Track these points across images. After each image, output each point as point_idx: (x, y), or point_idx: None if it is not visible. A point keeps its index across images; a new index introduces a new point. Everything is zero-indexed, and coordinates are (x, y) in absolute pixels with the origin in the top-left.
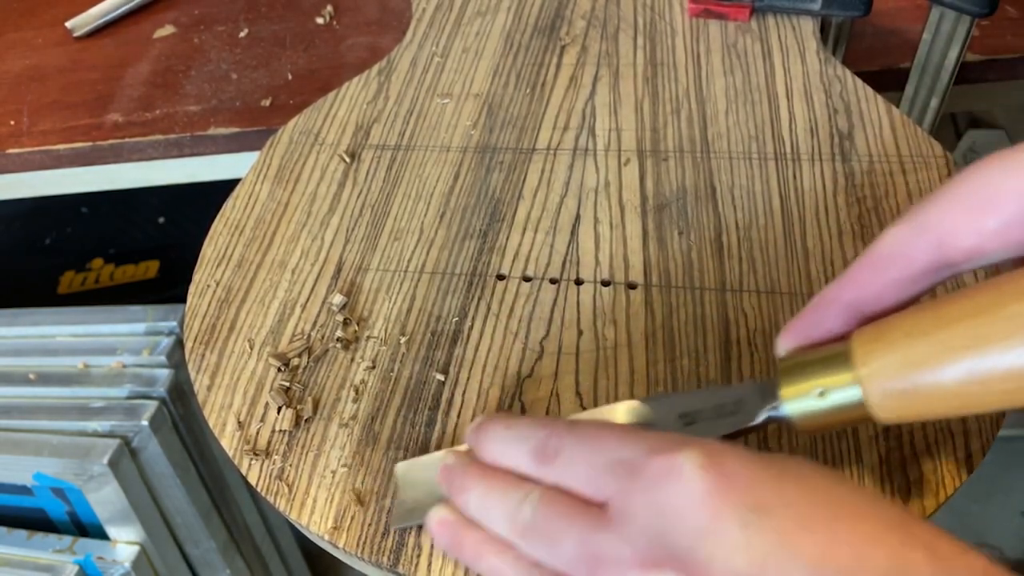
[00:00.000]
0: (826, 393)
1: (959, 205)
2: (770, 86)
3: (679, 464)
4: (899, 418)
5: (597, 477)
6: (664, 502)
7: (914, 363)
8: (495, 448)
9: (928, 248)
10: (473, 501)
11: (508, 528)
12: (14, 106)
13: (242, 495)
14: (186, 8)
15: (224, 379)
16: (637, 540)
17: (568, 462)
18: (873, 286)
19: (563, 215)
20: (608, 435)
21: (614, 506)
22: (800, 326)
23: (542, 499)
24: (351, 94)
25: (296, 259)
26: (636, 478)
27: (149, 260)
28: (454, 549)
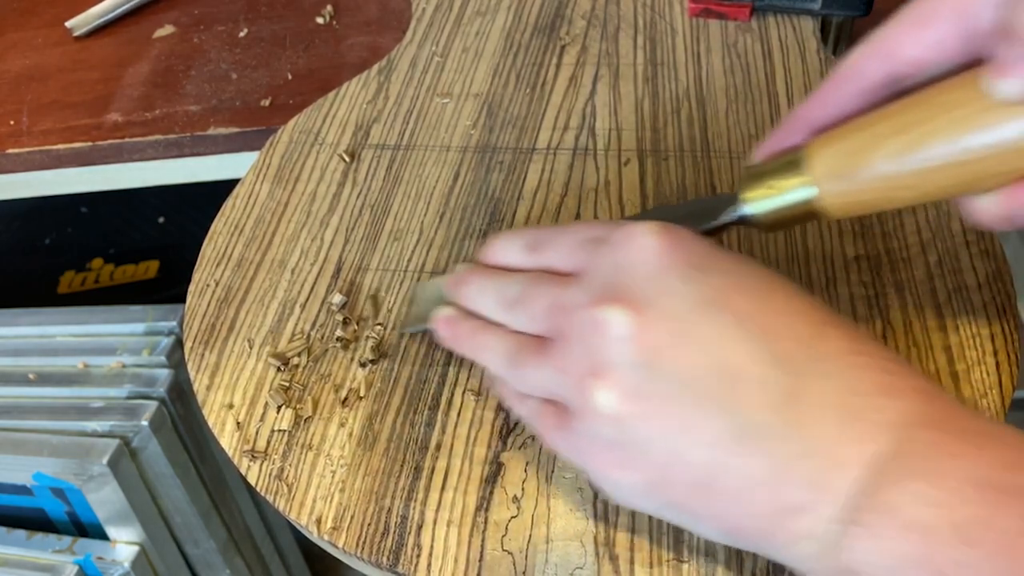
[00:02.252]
0: (781, 189)
1: (905, 22)
2: (770, 86)
3: (638, 231)
4: (845, 207)
5: (573, 253)
6: (621, 258)
7: (853, 151)
8: (496, 249)
9: (879, 61)
10: (472, 291)
11: (497, 306)
12: (14, 106)
13: (242, 495)
14: (186, 8)
15: (224, 379)
16: (594, 287)
17: (552, 247)
18: (831, 102)
19: (563, 215)
20: (586, 223)
21: (582, 270)
22: (768, 143)
23: (527, 277)
24: (351, 94)
25: (296, 259)
26: (602, 247)
27: (149, 260)
28: (453, 339)
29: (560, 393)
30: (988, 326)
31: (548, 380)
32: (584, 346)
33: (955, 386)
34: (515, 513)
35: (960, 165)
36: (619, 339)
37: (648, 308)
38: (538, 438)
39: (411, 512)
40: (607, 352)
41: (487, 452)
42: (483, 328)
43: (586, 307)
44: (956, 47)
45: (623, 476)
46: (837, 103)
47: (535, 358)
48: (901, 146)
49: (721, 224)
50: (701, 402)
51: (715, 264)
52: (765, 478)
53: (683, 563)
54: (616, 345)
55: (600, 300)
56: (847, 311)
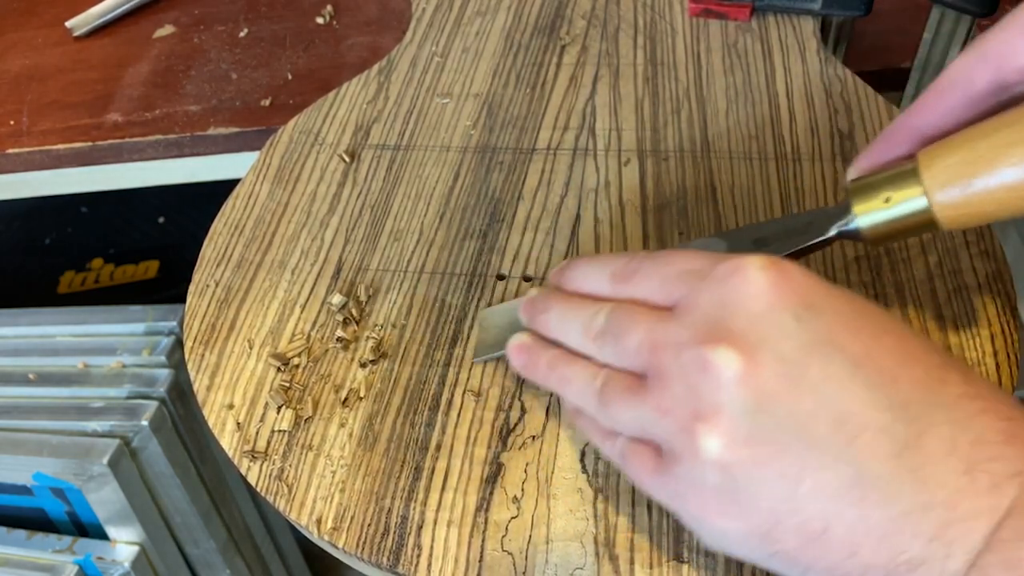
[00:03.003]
0: (891, 200)
1: (1014, 28)
2: (770, 86)
3: (744, 265)
4: (962, 219)
5: (668, 285)
6: (727, 295)
7: (973, 162)
8: (578, 276)
9: (988, 69)
10: (553, 319)
11: (582, 338)
12: (14, 106)
13: (242, 495)
14: (186, 8)
15: (224, 379)
16: (698, 324)
17: (644, 277)
18: (938, 110)
19: (563, 215)
20: (682, 254)
21: (681, 304)
22: (870, 153)
23: (616, 307)
24: (351, 94)
25: (296, 259)
26: (703, 281)
27: (149, 260)
28: (529, 368)
29: (658, 434)
30: (988, 326)
31: (645, 420)
32: (688, 387)
33: None
34: (515, 513)
35: None
36: (728, 381)
37: (759, 349)
38: (628, 478)
39: (411, 512)
40: (715, 395)
41: (487, 452)
42: (566, 359)
43: (690, 345)
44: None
45: (729, 524)
46: (943, 112)
47: (629, 396)
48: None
49: (828, 239)
50: (816, 449)
51: (827, 302)
52: (884, 531)
53: (683, 563)
54: (725, 387)
55: (706, 338)
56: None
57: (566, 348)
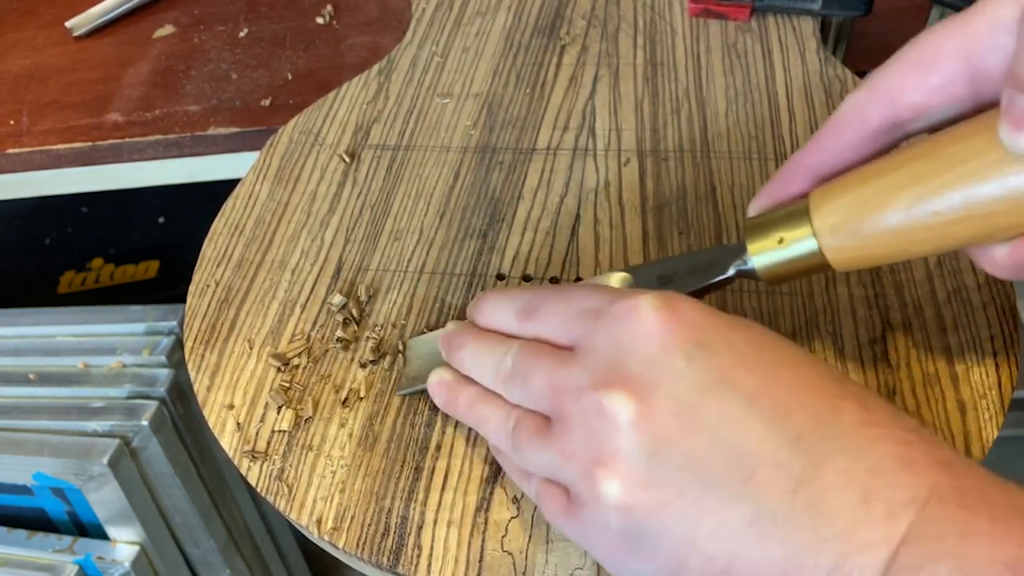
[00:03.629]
0: (785, 241)
1: (906, 66)
2: (770, 86)
3: (637, 305)
4: (852, 263)
5: (568, 323)
6: (621, 336)
7: (861, 204)
8: (488, 311)
9: (880, 107)
10: (467, 357)
11: (493, 378)
12: (14, 106)
13: (242, 495)
14: (186, 8)
15: (224, 379)
16: (595, 368)
17: (545, 315)
18: (832, 148)
19: (563, 215)
20: (582, 290)
21: (580, 345)
22: (768, 191)
23: (521, 348)
24: (351, 94)
25: (296, 259)
26: (600, 320)
27: (149, 260)
28: (450, 405)
29: (565, 479)
30: (988, 326)
31: (552, 464)
32: (587, 432)
33: (955, 387)
34: (515, 513)
35: (974, 218)
36: (623, 426)
37: (652, 392)
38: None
39: (411, 512)
40: (612, 440)
41: (487, 452)
42: (481, 398)
43: (587, 390)
44: (962, 92)
45: (636, 566)
46: (837, 149)
47: (537, 439)
48: (913, 199)
49: (726, 279)
50: (713, 490)
51: (720, 338)
52: (784, 566)
53: None
54: (621, 432)
55: (602, 384)
56: (847, 312)
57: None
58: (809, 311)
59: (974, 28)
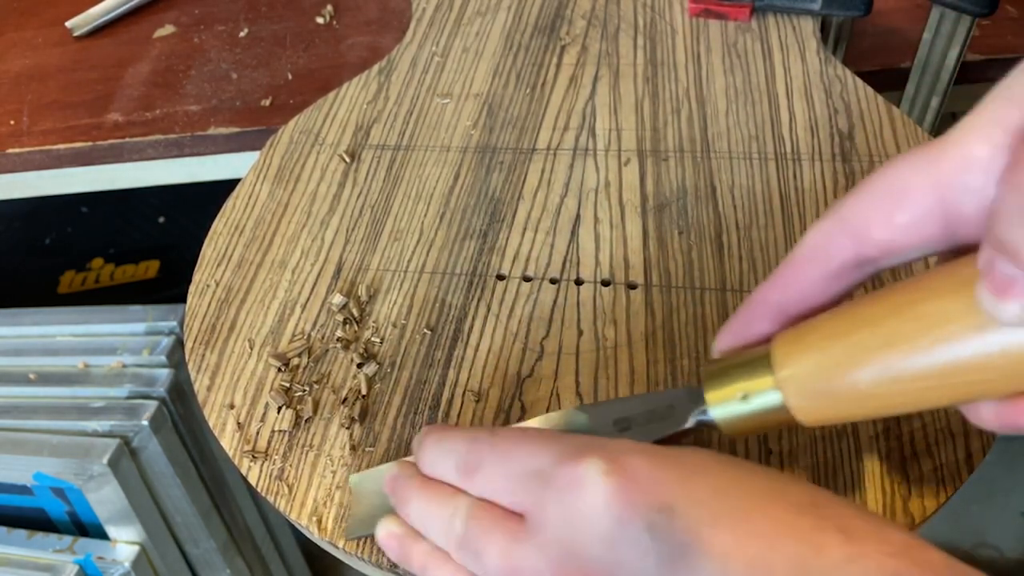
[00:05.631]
0: (748, 397)
1: (872, 200)
2: (770, 86)
3: (582, 473)
4: (820, 420)
5: (513, 489)
6: (573, 511)
7: (829, 364)
8: (430, 459)
9: (845, 243)
10: (413, 513)
11: (444, 540)
12: (14, 106)
13: (242, 495)
14: (186, 8)
15: (224, 379)
16: (551, 550)
17: (487, 476)
18: (796, 285)
19: (563, 215)
20: (522, 445)
21: (531, 517)
22: (731, 329)
23: (469, 513)
24: (351, 94)
25: (296, 259)
26: (547, 489)
27: (149, 260)
28: (402, 560)
29: None
30: None
31: None
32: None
33: None
34: None
35: (954, 385)
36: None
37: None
38: None
39: None
40: None
41: None
42: (436, 560)
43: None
44: (934, 232)
45: None
46: (801, 287)
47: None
48: (885, 362)
49: (687, 430)
50: None
51: (681, 494)
52: None
53: None
54: None
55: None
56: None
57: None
58: None
59: (945, 165)
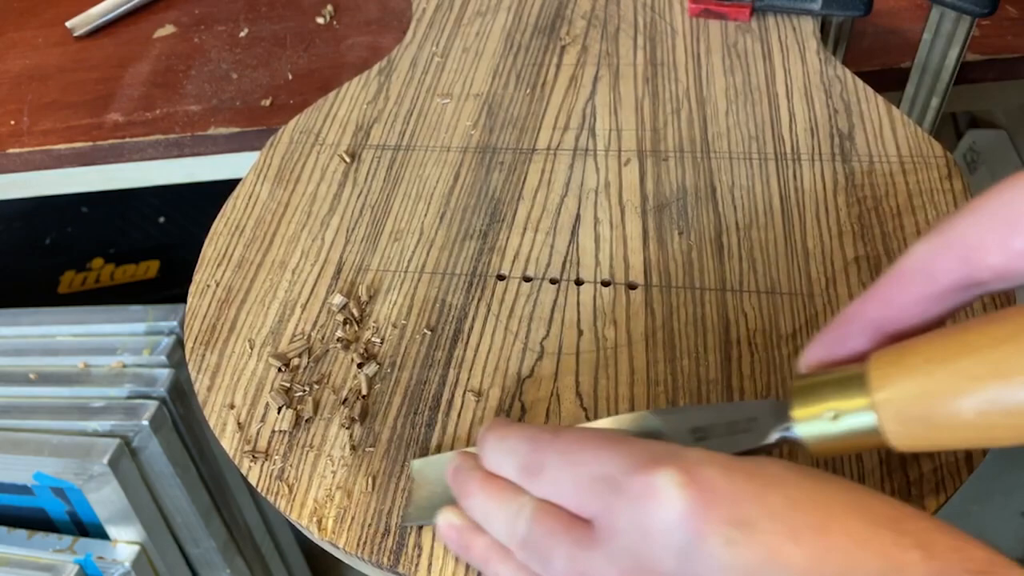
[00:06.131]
0: (839, 417)
1: (988, 221)
2: (770, 86)
3: (657, 483)
4: (915, 447)
5: (581, 494)
6: (646, 522)
7: (932, 391)
8: (492, 458)
9: (954, 264)
10: (476, 508)
11: (507, 539)
12: (14, 106)
13: (242, 495)
14: (186, 8)
15: (224, 379)
16: (621, 561)
17: (551, 478)
18: (897, 303)
19: (563, 215)
20: (589, 449)
21: (599, 524)
22: (823, 342)
23: (535, 514)
24: (351, 94)
25: (296, 259)
26: (618, 496)
27: (149, 260)
28: (462, 552)
29: None
30: None
31: None
32: None
33: None
34: None
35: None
36: None
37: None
38: None
39: None
40: None
41: None
42: (497, 556)
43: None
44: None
45: None
46: (903, 305)
47: None
48: (993, 393)
49: (768, 446)
50: None
51: (759, 507)
52: None
53: None
54: None
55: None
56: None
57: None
58: (809, 311)
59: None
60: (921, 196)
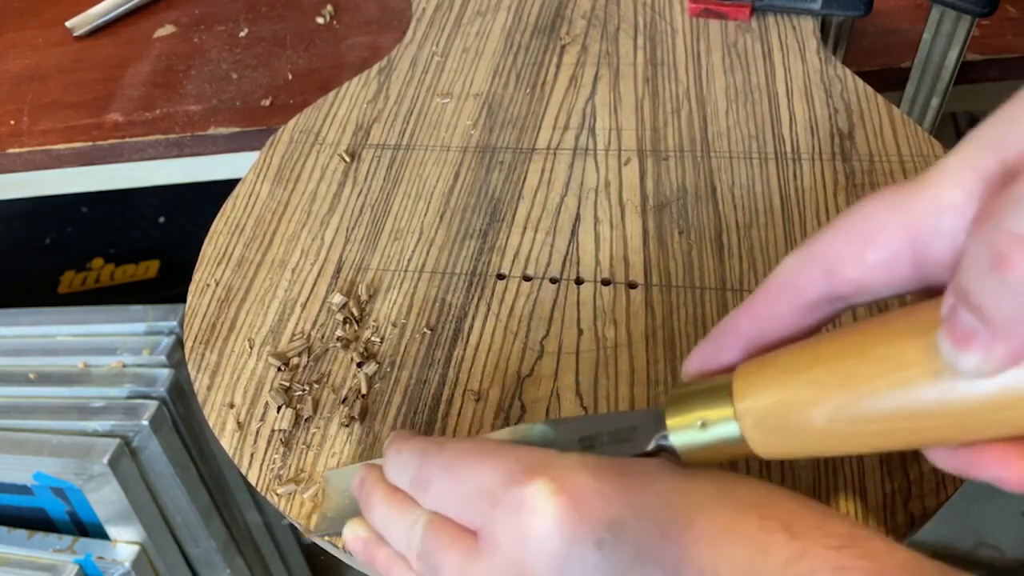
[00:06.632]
0: (707, 425)
1: (845, 237)
2: (770, 85)
3: (529, 494)
4: (777, 455)
5: (464, 507)
6: (523, 533)
7: (787, 401)
8: (390, 471)
9: (816, 278)
10: (377, 519)
11: (405, 550)
12: (14, 106)
13: (242, 495)
14: (186, 8)
15: (224, 379)
16: (503, 570)
17: (437, 492)
18: (766, 315)
19: (563, 215)
20: (469, 463)
21: (483, 536)
22: (700, 354)
23: (427, 526)
24: (351, 94)
25: (296, 259)
26: (496, 509)
27: (149, 260)
28: (368, 563)
29: None
30: None
31: None
32: None
33: None
34: None
35: (907, 430)
36: None
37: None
38: None
39: None
40: None
41: None
42: (398, 567)
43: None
44: (905, 273)
45: None
46: (771, 318)
47: None
48: (839, 402)
49: (649, 453)
50: None
51: (628, 508)
52: None
53: None
54: None
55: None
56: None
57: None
58: None
59: (918, 206)
60: None
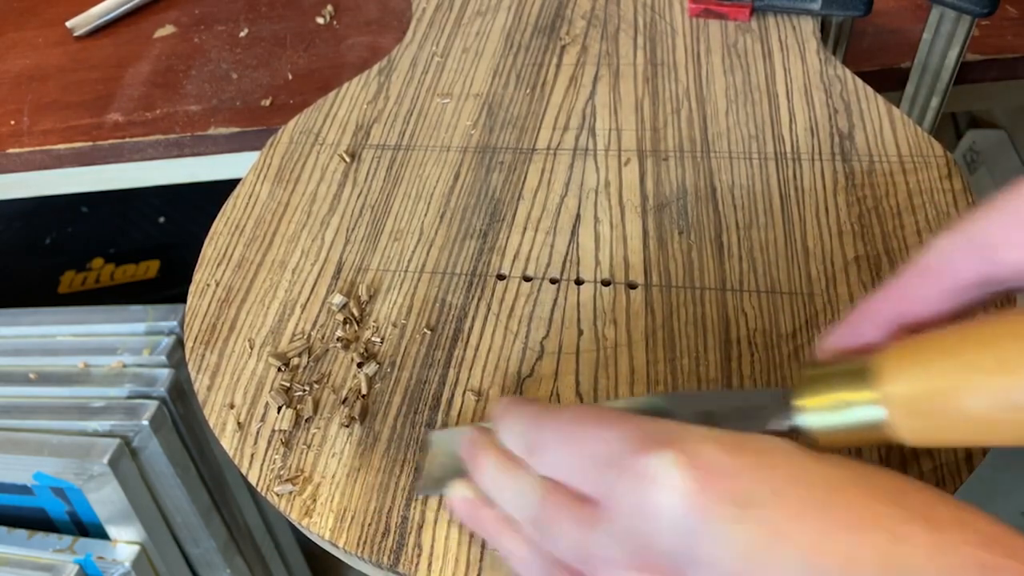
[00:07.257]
0: (848, 408)
1: (1010, 218)
2: (770, 86)
3: (656, 465)
4: (923, 442)
5: (582, 474)
6: (647, 504)
7: (941, 384)
8: (503, 435)
9: (973, 260)
10: (487, 481)
11: (517, 514)
12: (14, 106)
13: (242, 495)
14: (186, 8)
15: (224, 379)
16: (626, 542)
17: (554, 458)
18: (915, 297)
19: (563, 215)
20: (589, 428)
21: (603, 504)
22: (840, 333)
23: (542, 491)
24: (351, 94)
25: (296, 259)
26: (618, 477)
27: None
28: (473, 525)
29: None
30: None
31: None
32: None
33: None
34: None
35: None
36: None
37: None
38: None
39: (412, 512)
40: None
41: None
42: (507, 530)
43: (619, 568)
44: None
45: None
46: (922, 300)
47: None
48: (997, 388)
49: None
50: None
51: (761, 486)
52: None
53: None
54: None
55: (636, 567)
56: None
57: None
58: (809, 310)
59: None
60: (921, 196)
